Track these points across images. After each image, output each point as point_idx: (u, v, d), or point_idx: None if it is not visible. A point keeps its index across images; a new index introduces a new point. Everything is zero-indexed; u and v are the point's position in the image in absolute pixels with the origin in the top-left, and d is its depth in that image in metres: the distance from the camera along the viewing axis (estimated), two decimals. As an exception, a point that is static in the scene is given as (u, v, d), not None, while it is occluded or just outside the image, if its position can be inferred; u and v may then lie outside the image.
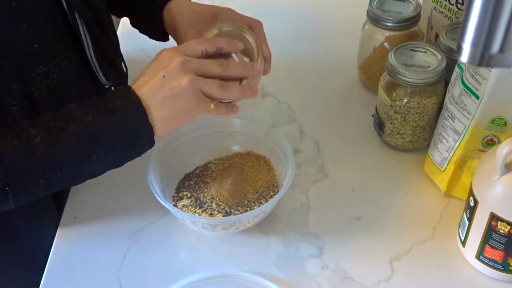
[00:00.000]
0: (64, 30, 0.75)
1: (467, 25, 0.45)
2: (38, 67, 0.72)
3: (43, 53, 0.72)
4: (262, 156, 0.90)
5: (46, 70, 0.72)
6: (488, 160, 0.73)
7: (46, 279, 0.79)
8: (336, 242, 0.83)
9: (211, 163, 0.90)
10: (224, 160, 0.90)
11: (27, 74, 0.71)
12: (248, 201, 0.84)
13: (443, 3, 0.98)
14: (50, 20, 0.72)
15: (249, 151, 0.91)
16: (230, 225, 0.80)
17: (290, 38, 1.17)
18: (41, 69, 0.72)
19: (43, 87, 0.72)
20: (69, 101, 0.75)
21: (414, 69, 0.86)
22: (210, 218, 0.81)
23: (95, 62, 0.79)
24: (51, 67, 0.73)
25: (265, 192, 0.85)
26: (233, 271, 0.77)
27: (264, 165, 0.89)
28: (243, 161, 0.90)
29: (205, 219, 0.81)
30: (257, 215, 0.80)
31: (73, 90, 0.77)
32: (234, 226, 0.81)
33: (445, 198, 0.88)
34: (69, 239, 0.83)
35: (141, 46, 1.14)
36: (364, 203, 0.88)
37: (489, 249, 0.76)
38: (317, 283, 0.78)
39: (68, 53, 0.76)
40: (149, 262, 0.80)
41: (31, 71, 0.71)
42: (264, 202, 0.83)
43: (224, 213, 0.82)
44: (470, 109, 0.78)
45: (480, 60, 0.46)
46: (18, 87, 0.70)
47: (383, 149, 0.96)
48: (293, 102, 1.04)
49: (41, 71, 0.72)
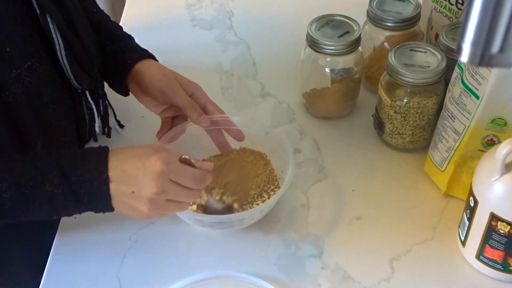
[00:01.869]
0: (34, 32, 0.74)
1: (467, 25, 0.44)
2: (11, 71, 0.71)
3: (15, 57, 0.72)
4: (257, 152, 0.91)
5: (19, 73, 0.72)
6: (488, 160, 0.73)
7: (46, 279, 0.79)
8: (336, 242, 0.83)
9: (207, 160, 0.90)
10: (220, 157, 0.91)
11: (0, 79, 0.71)
12: (251, 198, 0.84)
13: (443, 3, 0.98)
14: (20, 22, 0.72)
15: (243, 147, 0.91)
16: (237, 222, 0.81)
17: (290, 38, 1.17)
18: (14, 72, 0.72)
19: (17, 91, 0.72)
20: (43, 104, 0.77)
21: (414, 69, 0.86)
22: (216, 217, 0.81)
23: (66, 66, 0.78)
24: (23, 70, 0.73)
25: (266, 187, 0.86)
26: (233, 272, 0.77)
27: (261, 159, 0.90)
28: (240, 157, 0.90)
29: (211, 218, 0.81)
30: (262, 210, 0.80)
31: (45, 93, 0.77)
32: (240, 223, 0.81)
33: (445, 198, 0.88)
34: (69, 239, 0.83)
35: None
36: (364, 203, 0.88)
37: (489, 249, 0.76)
38: (317, 283, 0.78)
39: (38, 55, 0.75)
40: (149, 262, 0.80)
41: (4, 75, 0.71)
42: (267, 196, 0.84)
43: (227, 210, 0.82)
44: (470, 109, 0.78)
45: (480, 60, 0.46)
46: None
47: (383, 149, 0.96)
48: (293, 102, 1.04)
49: (14, 74, 0.72)
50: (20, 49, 0.73)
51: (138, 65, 0.87)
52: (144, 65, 0.88)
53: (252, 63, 1.13)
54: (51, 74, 0.78)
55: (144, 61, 0.88)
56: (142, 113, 1.00)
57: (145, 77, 0.87)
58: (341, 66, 0.94)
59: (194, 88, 0.87)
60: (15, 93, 0.72)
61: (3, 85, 0.71)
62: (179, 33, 1.22)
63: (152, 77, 0.86)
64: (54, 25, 0.75)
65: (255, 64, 1.13)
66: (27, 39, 0.73)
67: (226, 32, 1.21)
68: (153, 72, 0.87)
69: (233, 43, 1.18)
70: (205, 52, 1.16)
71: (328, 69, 0.94)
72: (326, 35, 0.93)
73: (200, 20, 1.24)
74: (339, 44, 0.92)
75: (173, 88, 0.85)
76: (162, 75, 0.87)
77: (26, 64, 0.73)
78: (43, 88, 0.77)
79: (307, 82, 1.00)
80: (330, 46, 0.92)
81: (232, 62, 1.14)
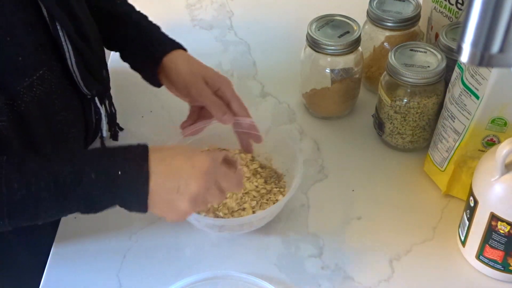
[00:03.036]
0: (44, 40, 0.74)
1: (467, 25, 0.45)
2: (24, 79, 0.71)
3: (27, 65, 0.72)
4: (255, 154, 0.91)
5: (31, 82, 0.72)
6: (488, 160, 0.73)
7: (46, 279, 0.79)
8: (336, 242, 0.83)
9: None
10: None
11: (13, 88, 0.70)
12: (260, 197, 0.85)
13: (443, 3, 0.98)
14: (31, 31, 0.72)
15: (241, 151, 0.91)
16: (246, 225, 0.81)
17: (290, 38, 1.17)
18: (26, 81, 0.72)
19: (29, 99, 0.72)
20: (54, 112, 0.76)
21: (414, 69, 0.86)
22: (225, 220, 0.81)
23: (76, 73, 0.78)
24: (35, 79, 0.73)
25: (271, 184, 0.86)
26: (233, 272, 0.77)
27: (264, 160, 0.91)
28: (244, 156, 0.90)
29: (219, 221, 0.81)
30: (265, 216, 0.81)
31: (57, 100, 0.77)
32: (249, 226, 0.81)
33: (445, 198, 0.88)
34: (69, 239, 0.83)
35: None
36: (364, 203, 0.88)
37: (489, 249, 0.76)
38: (317, 283, 0.78)
39: (49, 63, 0.75)
40: (149, 262, 0.80)
41: (17, 84, 0.71)
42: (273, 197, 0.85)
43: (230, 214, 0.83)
44: (470, 109, 0.78)
45: (480, 60, 0.46)
46: (6, 102, 0.70)
47: (383, 149, 0.96)
48: (293, 102, 1.04)
49: (26, 83, 0.72)
50: (32, 58, 0.72)
51: (165, 59, 0.87)
52: (172, 59, 0.87)
53: (252, 63, 1.13)
54: (62, 82, 0.78)
55: (171, 54, 0.87)
56: (142, 113, 1.00)
57: (172, 73, 0.86)
58: (341, 66, 0.94)
59: (221, 83, 0.87)
60: (27, 101, 0.72)
61: (15, 94, 0.71)
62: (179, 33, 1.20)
63: (178, 74, 0.86)
64: (64, 33, 0.75)
65: (255, 64, 1.13)
66: (38, 47, 0.73)
67: (226, 32, 1.21)
68: (180, 68, 0.86)
69: (233, 43, 1.18)
70: (205, 52, 1.15)
71: (328, 69, 0.94)
72: (326, 35, 0.93)
73: (200, 20, 1.24)
74: (339, 44, 0.92)
75: (198, 87, 0.85)
76: (188, 73, 0.86)
77: (38, 73, 0.73)
78: (54, 96, 0.76)
79: (307, 82, 1.00)
80: (330, 46, 0.92)
81: (232, 62, 1.14)
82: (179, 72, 0.86)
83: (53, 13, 0.73)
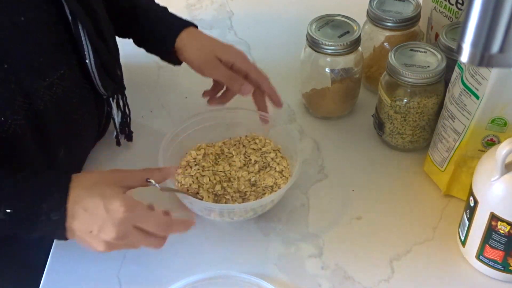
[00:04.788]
0: (65, 40, 0.74)
1: (467, 25, 0.45)
2: (44, 79, 0.71)
3: (48, 65, 0.72)
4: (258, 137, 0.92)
5: (51, 82, 0.72)
6: (488, 160, 0.73)
7: (46, 279, 0.79)
8: (336, 242, 0.83)
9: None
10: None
11: (32, 88, 0.70)
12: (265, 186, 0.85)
13: (443, 3, 0.98)
14: (53, 31, 0.72)
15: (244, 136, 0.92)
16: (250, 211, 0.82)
17: (290, 38, 1.17)
18: (47, 81, 0.72)
19: (47, 99, 0.72)
20: (71, 111, 0.76)
21: (414, 69, 0.86)
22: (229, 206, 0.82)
23: (95, 73, 0.78)
24: (55, 78, 0.73)
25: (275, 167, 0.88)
26: (233, 272, 0.77)
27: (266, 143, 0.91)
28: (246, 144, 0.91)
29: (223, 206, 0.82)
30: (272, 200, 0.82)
31: (74, 99, 0.77)
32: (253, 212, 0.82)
33: (445, 198, 0.88)
34: (70, 239, 0.83)
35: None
36: (364, 203, 0.88)
37: (489, 249, 0.76)
38: (317, 283, 0.78)
39: (69, 63, 0.75)
40: (149, 262, 0.80)
41: (36, 84, 0.71)
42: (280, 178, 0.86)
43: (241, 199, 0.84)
44: (470, 109, 0.78)
45: (480, 60, 0.46)
46: (23, 101, 0.70)
47: (383, 149, 0.96)
48: (293, 102, 1.04)
49: (47, 83, 0.72)
50: (53, 58, 0.73)
51: (177, 42, 0.88)
52: (182, 41, 0.88)
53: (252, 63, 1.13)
54: (80, 82, 0.78)
55: (181, 35, 0.88)
56: (142, 113, 1.00)
57: (184, 54, 0.88)
58: (341, 66, 0.94)
59: (235, 58, 0.88)
60: (46, 101, 0.72)
61: (35, 93, 0.71)
62: (179, 33, 1.21)
63: (190, 54, 0.88)
64: (85, 32, 0.75)
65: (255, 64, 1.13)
66: (59, 47, 0.74)
67: (226, 32, 1.21)
68: (190, 49, 0.88)
69: (233, 43, 1.17)
70: (205, 52, 1.16)
71: (328, 69, 0.94)
72: (326, 35, 0.93)
73: (200, 20, 1.24)
74: (339, 44, 0.92)
75: (211, 65, 0.86)
76: (199, 53, 0.87)
77: (58, 73, 0.73)
78: (72, 95, 0.77)
79: (307, 82, 1.00)
80: (330, 46, 0.92)
81: (232, 62, 1.14)
82: (190, 53, 0.87)
83: (75, 12, 0.73)
